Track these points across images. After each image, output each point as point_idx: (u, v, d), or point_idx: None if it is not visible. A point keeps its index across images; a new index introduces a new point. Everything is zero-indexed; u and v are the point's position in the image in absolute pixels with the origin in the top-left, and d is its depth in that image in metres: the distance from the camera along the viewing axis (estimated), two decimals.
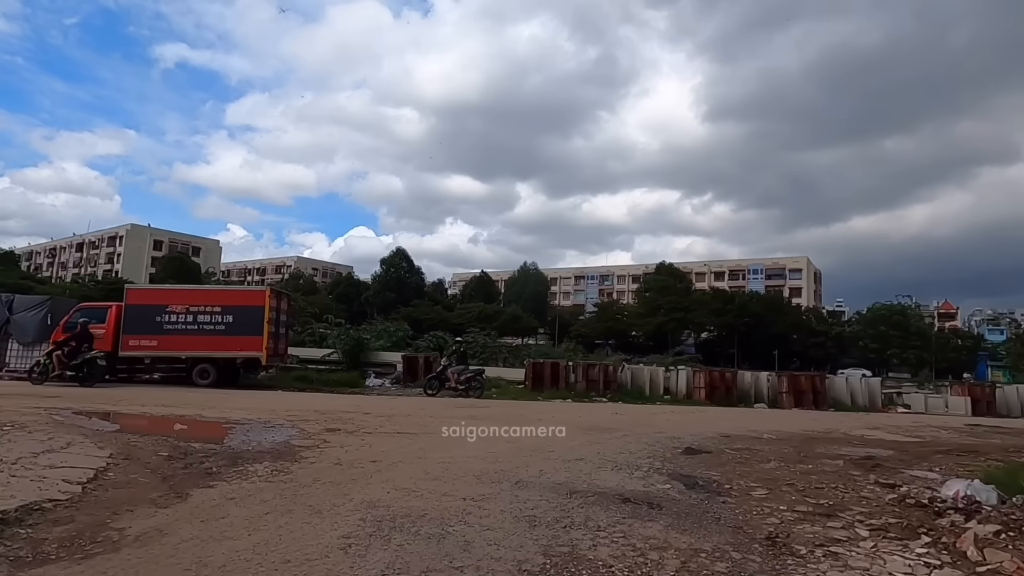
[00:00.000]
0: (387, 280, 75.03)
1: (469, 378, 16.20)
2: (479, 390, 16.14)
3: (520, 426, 8.72)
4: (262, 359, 15.90)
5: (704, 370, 18.82)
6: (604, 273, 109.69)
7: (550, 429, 8.45)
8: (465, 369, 16.36)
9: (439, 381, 16.10)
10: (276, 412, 9.96)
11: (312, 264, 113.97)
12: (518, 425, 8.76)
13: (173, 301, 15.93)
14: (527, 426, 8.78)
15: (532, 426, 8.78)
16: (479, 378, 16.53)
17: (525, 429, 8.61)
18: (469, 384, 16.03)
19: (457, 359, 16.58)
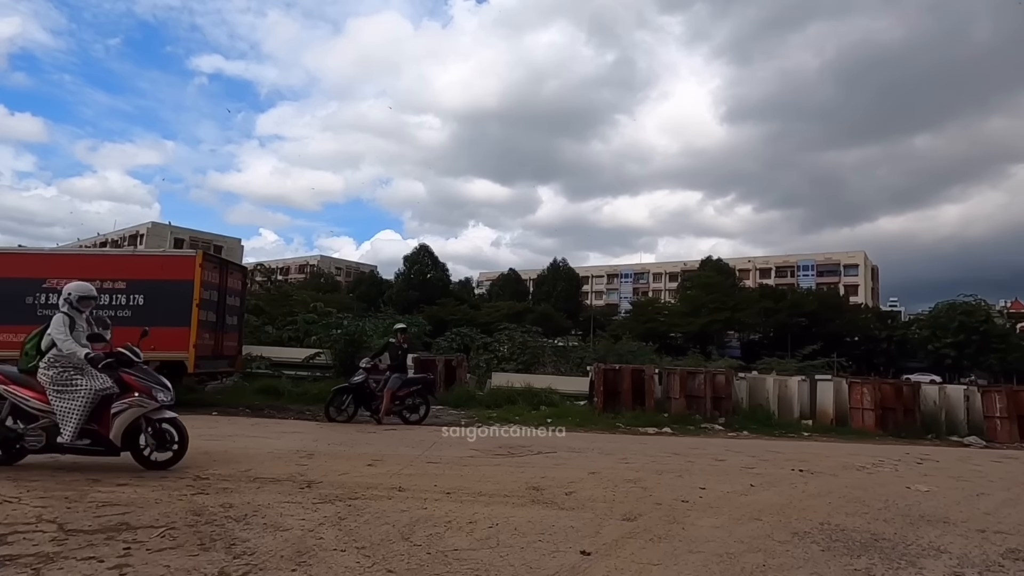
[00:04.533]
0: (410, 278, 71.19)
1: (415, 391, 10.10)
2: (424, 411, 10.12)
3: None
4: (187, 362, 10.17)
5: (869, 383, 12.45)
6: (639, 271, 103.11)
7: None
8: (404, 378, 10.08)
9: (358, 396, 9.85)
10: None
11: (336, 263, 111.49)
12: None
13: (53, 272, 10.27)
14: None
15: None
16: (426, 389, 10.42)
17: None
18: (406, 403, 10.01)
19: (392, 358, 10.22)
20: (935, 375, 48.37)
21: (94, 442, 5.17)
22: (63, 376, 5.12)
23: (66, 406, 5.05)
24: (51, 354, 5.14)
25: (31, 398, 5.14)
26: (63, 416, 5.04)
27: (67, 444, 5.06)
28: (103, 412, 5.16)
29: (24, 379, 5.23)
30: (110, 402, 5.20)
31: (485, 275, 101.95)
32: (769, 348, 61.00)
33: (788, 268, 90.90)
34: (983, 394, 12.11)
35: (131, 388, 5.28)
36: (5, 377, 5.22)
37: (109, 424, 5.14)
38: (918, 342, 62.81)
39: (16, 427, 5.17)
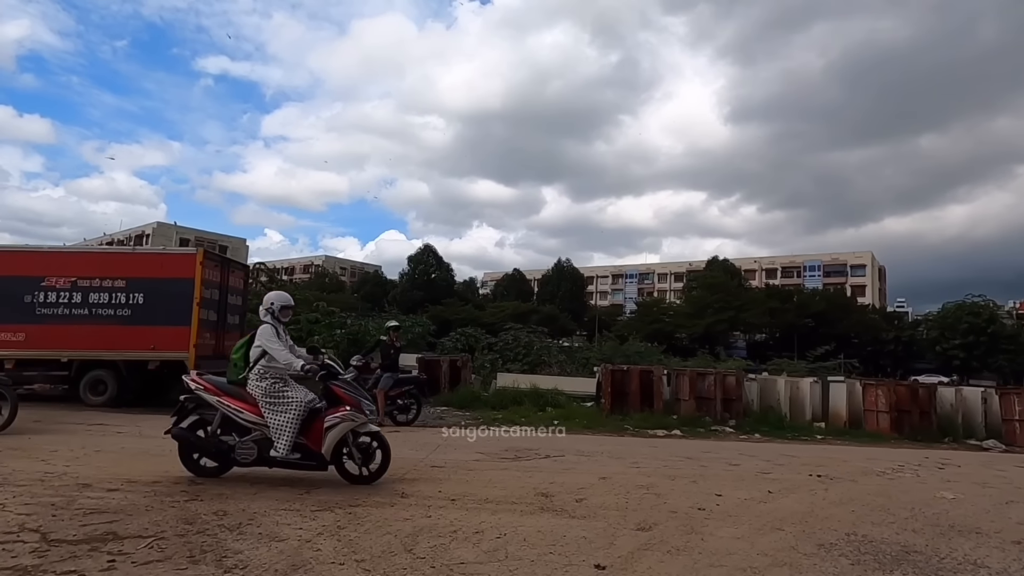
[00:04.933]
0: (415, 278, 71.18)
1: (406, 391, 9.80)
2: (415, 412, 9.87)
3: None
4: (188, 362, 9.97)
5: (883, 384, 12.14)
6: (644, 271, 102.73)
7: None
8: (395, 378, 9.71)
9: None
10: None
11: (340, 263, 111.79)
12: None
13: (52, 270, 10.13)
14: None
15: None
16: (418, 390, 10.12)
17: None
18: (397, 403, 9.70)
19: (383, 357, 9.84)
20: (943, 376, 47.90)
21: (304, 456, 4.95)
22: (275, 388, 4.95)
23: (279, 419, 4.87)
24: (262, 365, 4.97)
25: (244, 410, 4.95)
26: (277, 429, 4.85)
27: (280, 458, 4.87)
28: (311, 425, 4.94)
29: (235, 391, 5.04)
30: (315, 415, 4.98)
31: (489, 275, 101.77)
32: (775, 349, 60.73)
33: (794, 268, 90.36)
34: (1001, 396, 11.78)
35: (340, 401, 5.05)
36: (216, 388, 5.04)
37: (318, 437, 4.92)
38: (926, 343, 62.19)
39: (229, 439, 4.98)
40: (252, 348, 5.07)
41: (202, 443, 5.07)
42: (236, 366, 5.13)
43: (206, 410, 5.07)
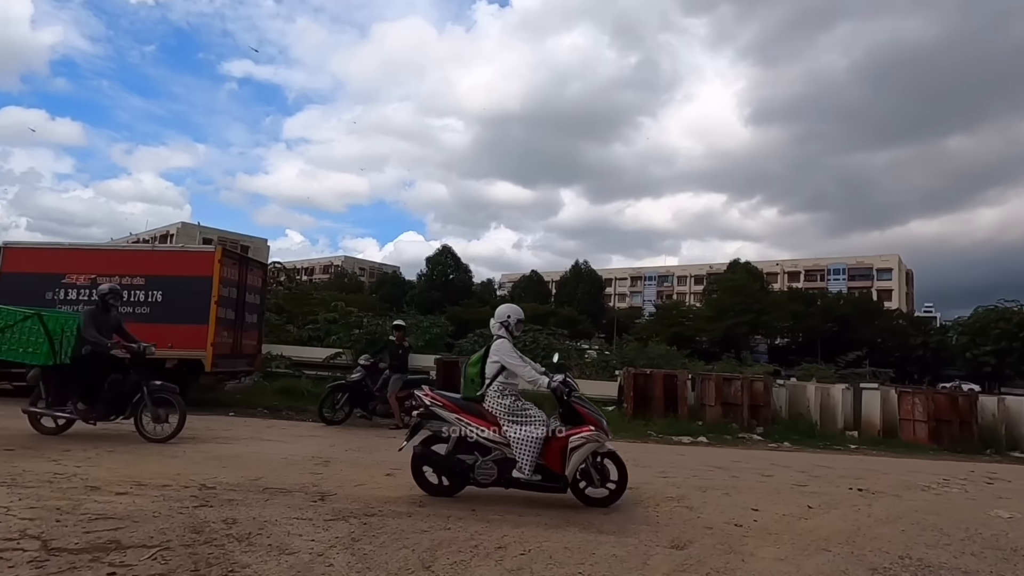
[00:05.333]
0: (433, 279, 71.39)
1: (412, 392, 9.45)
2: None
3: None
4: (205, 361, 9.88)
5: (920, 392, 11.62)
6: (663, 273, 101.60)
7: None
8: (404, 379, 9.31)
9: (355, 396, 9.39)
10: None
11: (359, 264, 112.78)
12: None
13: (73, 267, 10.12)
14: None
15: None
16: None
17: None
18: (403, 405, 9.07)
19: (391, 358, 9.49)
20: (974, 384, 46.43)
21: (545, 478, 4.69)
22: (517, 406, 4.74)
23: (523, 438, 4.62)
24: (501, 381, 4.76)
25: (484, 428, 4.73)
26: (520, 449, 4.61)
27: (524, 479, 4.63)
28: (547, 445, 4.69)
29: (473, 407, 4.83)
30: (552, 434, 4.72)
31: (507, 276, 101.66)
32: (798, 353, 59.48)
33: (818, 271, 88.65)
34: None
35: (581, 420, 4.77)
36: (454, 405, 4.84)
37: (555, 458, 4.67)
38: (956, 349, 60.45)
39: (467, 458, 4.75)
40: (488, 363, 4.82)
41: (440, 461, 4.82)
42: (473, 382, 4.89)
43: (438, 426, 4.82)
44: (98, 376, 6.58)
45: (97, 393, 6.57)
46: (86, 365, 6.57)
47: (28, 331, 6.37)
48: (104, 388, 6.60)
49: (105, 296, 6.94)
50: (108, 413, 6.63)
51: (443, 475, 4.87)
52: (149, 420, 6.65)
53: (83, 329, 6.54)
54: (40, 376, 6.64)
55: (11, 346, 6.39)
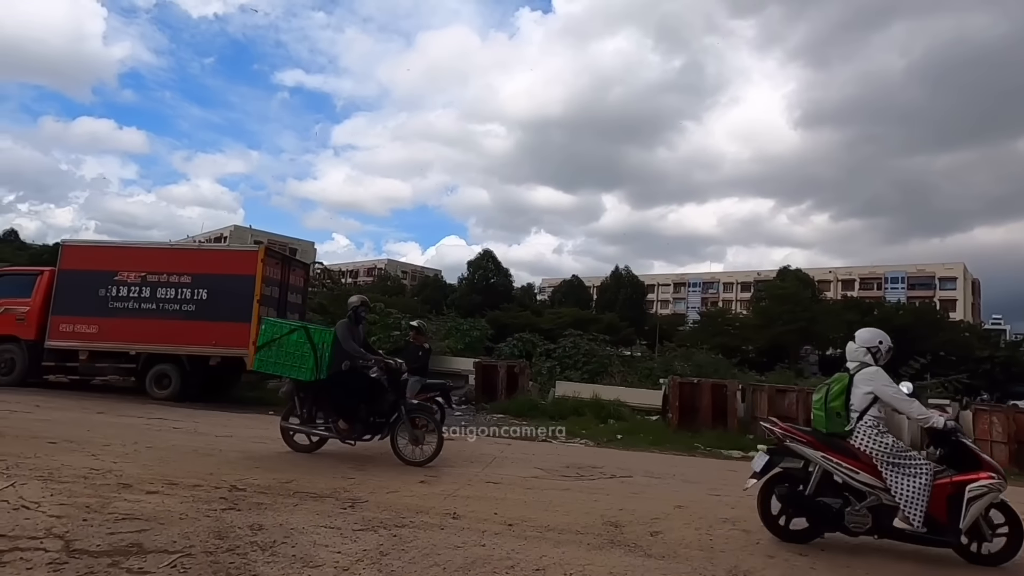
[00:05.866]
0: (474, 282, 71.72)
1: (431, 397, 8.73)
2: (440, 424, 9.01)
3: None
4: (247, 359, 9.96)
5: (1000, 411, 10.63)
6: (708, 280, 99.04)
7: None
8: (423, 383, 8.73)
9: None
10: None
11: (402, 267, 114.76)
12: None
13: (125, 265, 10.40)
14: None
15: None
16: (443, 396, 9.12)
17: None
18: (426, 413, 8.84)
19: (410, 360, 8.39)
20: None
21: (932, 530, 4.10)
22: (899, 447, 4.18)
23: (910, 485, 4.03)
24: (874, 416, 4.21)
25: (858, 470, 4.18)
26: (907, 497, 4.03)
27: (910, 531, 4.07)
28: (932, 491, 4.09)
29: (840, 445, 4.28)
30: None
31: (547, 281, 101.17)
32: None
33: (874, 280, 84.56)
34: None
35: (977, 464, 4.13)
36: (816, 440, 4.32)
37: (942, 506, 4.11)
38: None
39: (832, 502, 4.24)
40: (856, 393, 4.26)
41: (802, 503, 4.32)
42: (839, 416, 4.32)
43: (794, 462, 4.35)
44: (354, 393, 6.14)
45: (355, 411, 6.11)
46: (344, 381, 6.14)
47: (294, 345, 6.01)
48: (359, 406, 6.13)
49: (358, 309, 6.49)
50: (364, 432, 6.18)
51: (803, 516, 4.35)
52: (406, 442, 6.14)
53: (343, 343, 6.09)
54: (294, 391, 6.24)
55: (277, 359, 6.01)
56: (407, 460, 6.09)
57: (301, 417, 6.27)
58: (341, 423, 6.11)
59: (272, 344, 6.06)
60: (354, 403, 6.14)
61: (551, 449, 8.32)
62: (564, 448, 8.51)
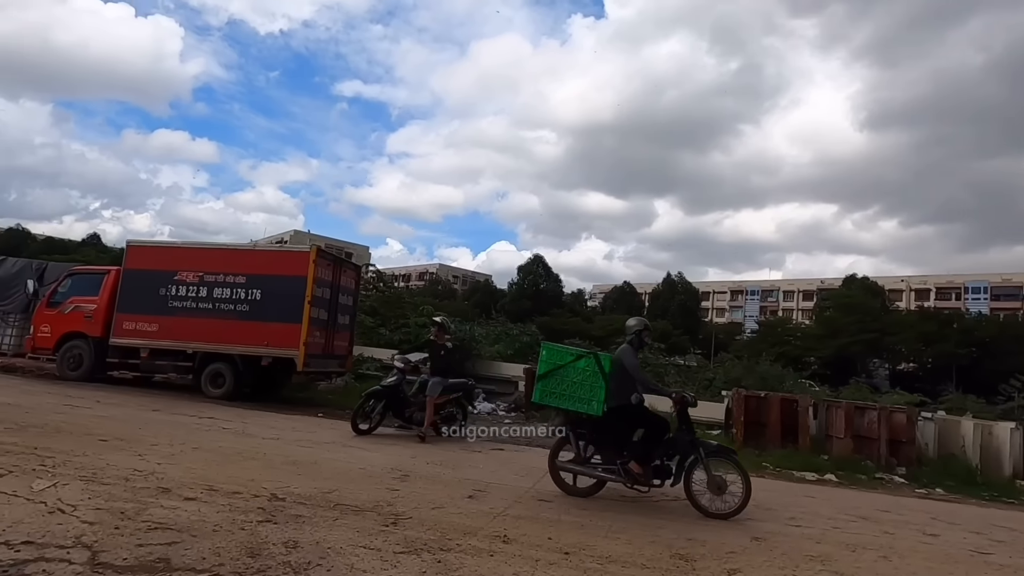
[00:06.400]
0: (524, 288, 71.59)
1: (453, 399, 8.39)
2: (461, 423, 8.40)
3: None
4: (297, 360, 9.91)
5: None
6: (767, 288, 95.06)
7: None
8: (445, 382, 8.22)
9: (392, 401, 8.10)
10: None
11: (453, 272, 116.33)
12: None
13: (184, 265, 10.59)
14: None
15: None
16: (465, 396, 8.72)
17: None
18: (441, 412, 8.26)
19: (432, 360, 8.46)
20: None
21: None
22: None
23: None
24: None
25: None
26: None
27: None
28: None
29: None
30: None
31: (598, 287, 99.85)
32: (926, 381, 52.97)
33: (952, 290, 78.95)
34: None
35: None
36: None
37: None
38: None
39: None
40: None
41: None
42: None
43: None
44: (648, 431, 5.42)
45: (647, 452, 5.31)
46: (631, 416, 5.42)
47: (581, 373, 5.31)
48: (650, 446, 5.36)
49: (640, 333, 5.72)
50: (655, 476, 5.34)
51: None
52: (704, 489, 5.28)
53: (633, 372, 5.41)
54: (569, 426, 5.55)
55: (560, 390, 5.31)
56: (707, 511, 5.22)
57: (577, 456, 5.53)
58: (632, 465, 5.27)
59: (554, 373, 5.33)
60: (650, 443, 5.34)
61: None
62: None
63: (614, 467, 5.37)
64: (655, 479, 5.33)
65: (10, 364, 12.56)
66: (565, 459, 5.59)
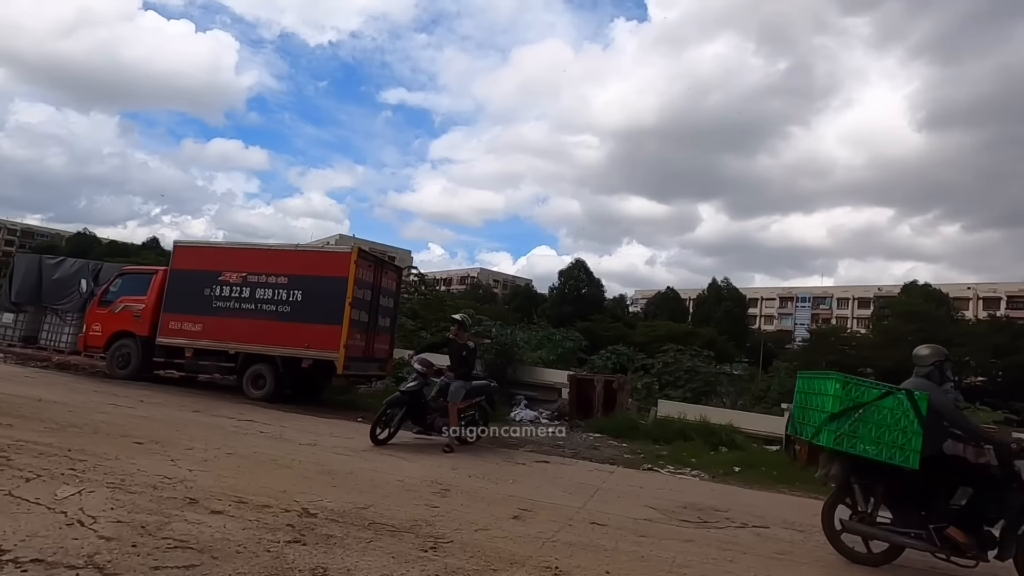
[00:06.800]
0: (565, 292, 70.92)
1: (476, 403, 7.76)
2: (482, 428, 7.81)
3: None
4: (337, 362, 9.72)
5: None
6: (820, 295, 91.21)
7: None
8: (467, 386, 7.62)
9: (412, 407, 7.41)
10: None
11: (494, 276, 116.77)
12: None
13: (228, 265, 10.58)
14: None
15: None
16: (488, 400, 8.09)
17: None
18: (471, 417, 7.68)
19: (453, 361, 7.76)
20: None
21: None
22: None
23: None
24: None
25: None
26: None
27: None
28: None
29: None
30: None
31: (641, 292, 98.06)
32: (996, 396, 49.45)
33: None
34: None
35: None
36: None
37: None
38: None
39: None
40: None
41: None
42: None
43: None
44: (977, 489, 4.34)
45: (975, 516, 4.28)
46: (951, 469, 4.39)
47: (890, 414, 4.29)
48: (977, 508, 4.31)
49: (942, 365, 4.60)
50: (983, 547, 4.23)
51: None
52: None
53: (948, 415, 4.39)
54: (847, 476, 4.58)
55: (864, 433, 4.30)
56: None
57: (862, 514, 4.52)
58: (954, 531, 4.21)
59: (854, 412, 4.36)
60: (982, 505, 4.28)
61: (660, 481, 7.23)
62: (675, 481, 7.38)
63: (922, 531, 4.34)
64: (987, 550, 4.21)
65: (66, 361, 12.93)
66: (850, 518, 4.59)
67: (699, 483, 7.45)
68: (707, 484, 7.43)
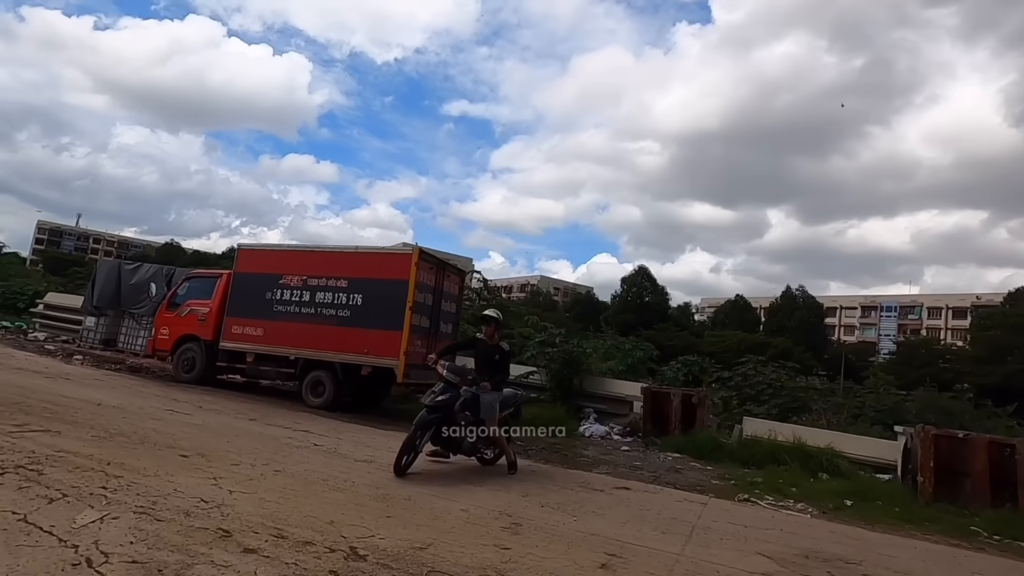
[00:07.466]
0: (627, 300, 69.02)
1: (506, 415, 6.60)
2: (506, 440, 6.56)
3: None
4: (397, 370, 9.17)
5: None
6: (908, 303, 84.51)
7: None
8: (501, 397, 6.51)
9: (443, 423, 6.09)
10: None
11: (554, 284, 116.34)
12: None
13: (289, 268, 10.30)
14: None
15: None
16: (517, 413, 6.99)
17: None
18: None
19: (484, 365, 6.65)
20: None
21: None
22: None
23: None
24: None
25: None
26: None
27: None
28: None
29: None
30: None
31: (707, 301, 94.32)
32: None
33: None
34: None
35: None
36: None
37: None
38: None
39: None
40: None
41: None
42: None
43: None
44: None
45: None
46: None
47: None
48: None
49: None
50: None
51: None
52: None
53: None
54: None
55: None
56: None
57: None
58: None
59: None
60: None
61: (764, 517, 6.14)
62: (782, 517, 6.27)
63: None
64: None
65: (139, 364, 13.16)
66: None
67: (811, 521, 6.31)
68: (821, 523, 6.28)
